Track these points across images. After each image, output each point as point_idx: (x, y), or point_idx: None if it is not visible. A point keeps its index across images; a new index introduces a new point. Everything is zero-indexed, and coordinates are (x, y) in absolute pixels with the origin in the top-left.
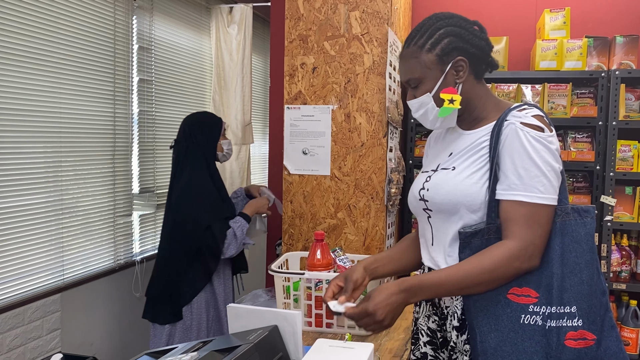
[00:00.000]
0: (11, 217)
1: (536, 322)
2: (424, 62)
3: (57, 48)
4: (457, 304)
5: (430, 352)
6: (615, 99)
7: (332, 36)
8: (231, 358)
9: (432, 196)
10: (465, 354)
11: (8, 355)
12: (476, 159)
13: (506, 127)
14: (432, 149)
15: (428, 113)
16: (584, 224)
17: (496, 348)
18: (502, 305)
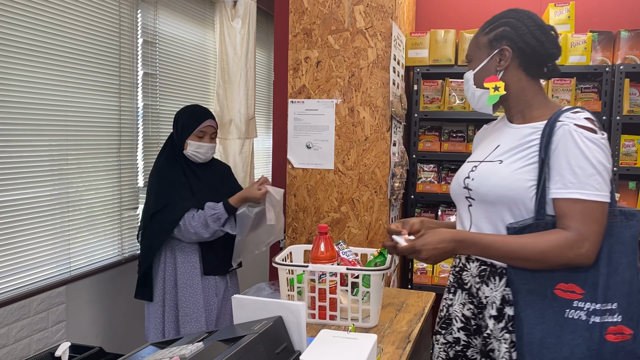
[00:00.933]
0: (17, 210)
1: (580, 317)
2: (479, 43)
3: (62, 42)
4: (496, 294)
5: (464, 338)
6: (620, 94)
7: (336, 30)
8: (236, 348)
9: (477, 186)
10: (501, 342)
11: (14, 346)
12: (524, 155)
13: (559, 127)
14: (481, 141)
15: (468, 89)
16: (630, 226)
17: (541, 340)
18: (549, 300)
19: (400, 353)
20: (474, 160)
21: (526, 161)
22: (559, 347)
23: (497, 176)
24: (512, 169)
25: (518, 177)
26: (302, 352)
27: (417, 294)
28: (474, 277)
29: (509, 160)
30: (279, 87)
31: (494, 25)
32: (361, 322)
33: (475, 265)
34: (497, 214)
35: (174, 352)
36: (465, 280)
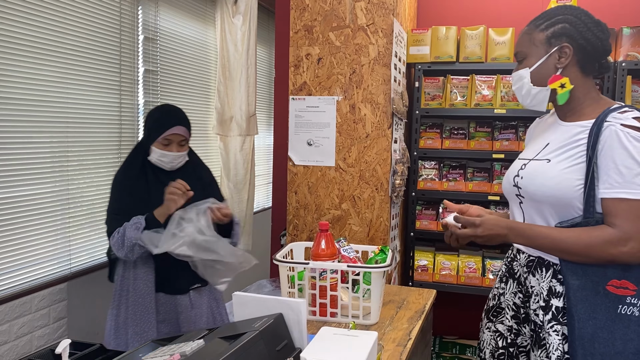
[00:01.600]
0: (18, 207)
1: (633, 313)
2: (534, 39)
3: (63, 39)
4: (543, 286)
5: (515, 326)
6: (622, 91)
7: (338, 27)
8: (237, 345)
9: (526, 185)
10: (551, 334)
11: (15, 342)
12: (572, 154)
13: (606, 128)
14: (532, 137)
15: (522, 87)
16: None
17: (593, 334)
18: (601, 296)
19: (401, 350)
20: (525, 157)
21: (574, 160)
22: (612, 341)
23: (545, 175)
24: (559, 168)
25: (565, 176)
26: (302, 349)
27: (418, 292)
28: (522, 266)
29: (556, 159)
30: (280, 84)
31: (551, 22)
32: (362, 320)
33: (524, 256)
34: (546, 211)
35: (175, 349)
36: (515, 269)
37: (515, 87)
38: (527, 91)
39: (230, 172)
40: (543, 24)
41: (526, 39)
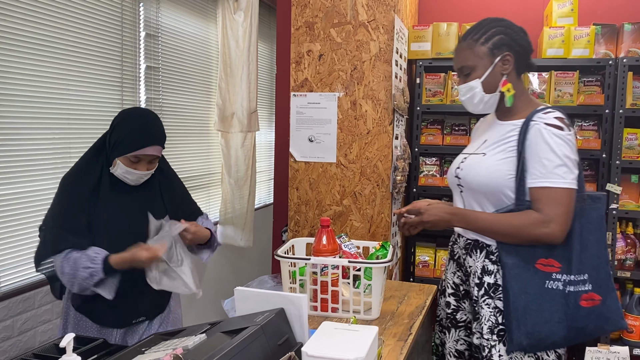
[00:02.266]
0: (21, 203)
1: (557, 287)
2: (477, 53)
3: (64, 35)
4: (477, 265)
5: (453, 302)
6: (623, 87)
7: (339, 23)
8: (238, 339)
9: (464, 175)
10: (483, 307)
11: (19, 338)
12: (504, 149)
13: (532, 126)
14: (475, 134)
15: (474, 97)
16: (596, 209)
17: (525, 307)
18: (531, 273)
19: (402, 345)
20: (466, 152)
21: (505, 154)
22: (541, 312)
23: (480, 167)
24: (493, 161)
25: (497, 167)
26: (303, 343)
27: (419, 287)
28: (461, 249)
29: (491, 153)
30: (281, 81)
31: (489, 35)
32: (363, 315)
33: (463, 240)
34: (483, 199)
35: (177, 343)
36: (455, 252)
37: (465, 98)
38: (479, 99)
39: (232, 168)
40: (481, 38)
41: (469, 53)
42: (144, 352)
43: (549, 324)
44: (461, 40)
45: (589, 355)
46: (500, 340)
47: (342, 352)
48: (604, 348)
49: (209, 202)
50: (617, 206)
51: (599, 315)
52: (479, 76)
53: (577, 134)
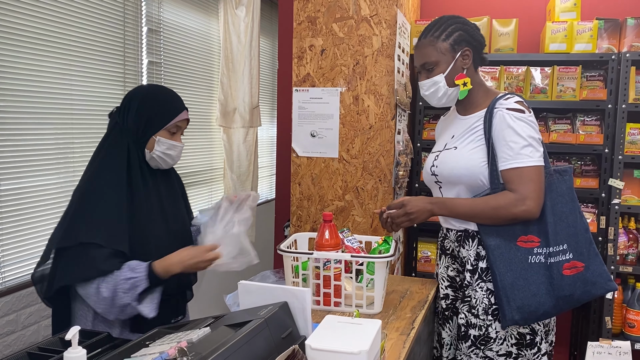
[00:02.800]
0: (24, 198)
1: (540, 261)
2: (439, 49)
3: (67, 30)
4: (470, 253)
5: (452, 293)
6: (625, 82)
7: (341, 18)
8: (242, 333)
9: (440, 171)
10: (477, 290)
11: (23, 332)
12: (473, 139)
13: (496, 113)
14: (440, 132)
15: (438, 91)
16: (565, 181)
17: (512, 284)
18: (513, 251)
19: (405, 339)
20: (436, 150)
21: (475, 144)
22: (527, 287)
23: (454, 160)
24: (464, 153)
25: (470, 157)
26: (307, 337)
27: (421, 282)
28: (453, 242)
29: (461, 145)
30: (283, 76)
31: (449, 31)
32: (365, 309)
33: (453, 233)
34: (461, 190)
35: (182, 337)
36: (447, 246)
37: (429, 92)
38: (443, 93)
39: (234, 164)
40: (442, 35)
41: (431, 50)
42: (148, 346)
43: (537, 297)
44: (421, 38)
45: (591, 350)
46: (495, 319)
47: (345, 345)
48: (605, 343)
49: (211, 198)
50: (620, 201)
51: (584, 281)
52: (442, 71)
53: (579, 129)
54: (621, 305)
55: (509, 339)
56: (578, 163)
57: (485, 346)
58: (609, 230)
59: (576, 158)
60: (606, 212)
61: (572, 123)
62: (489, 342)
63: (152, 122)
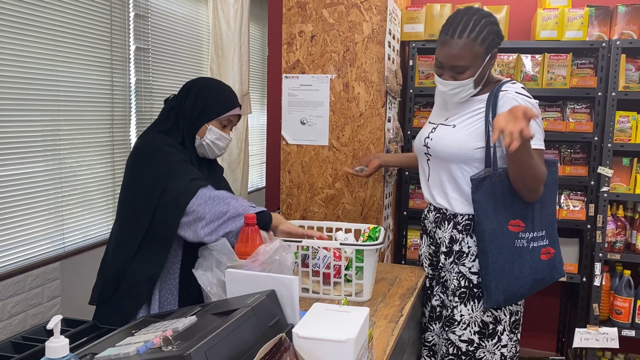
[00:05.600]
0: (11, 186)
1: (524, 245)
2: (476, 54)
3: (52, 16)
4: (445, 235)
5: (430, 271)
6: (616, 70)
7: (331, 3)
8: (229, 321)
9: (434, 145)
10: (452, 272)
11: (9, 321)
12: (473, 121)
13: (503, 95)
14: (441, 104)
15: (463, 92)
16: (551, 172)
17: (502, 267)
18: (505, 235)
19: (393, 327)
20: (434, 122)
21: (474, 125)
22: (512, 269)
23: (449, 138)
24: (462, 133)
25: (467, 138)
26: (295, 325)
27: (410, 269)
28: (431, 223)
29: (460, 125)
30: (273, 62)
31: (484, 35)
32: (354, 297)
33: (432, 214)
34: (449, 168)
35: (167, 325)
36: (427, 226)
37: (453, 92)
38: (467, 94)
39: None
40: (479, 38)
41: (467, 54)
42: (134, 334)
43: (519, 280)
44: (454, 37)
45: (579, 337)
46: (461, 302)
47: (333, 333)
48: (593, 329)
49: None
50: (609, 189)
51: (552, 266)
52: (472, 75)
53: (569, 117)
54: (609, 292)
55: (472, 325)
56: (568, 151)
57: (449, 328)
58: (597, 218)
59: (566, 146)
60: (595, 199)
61: (562, 111)
62: (452, 324)
63: (208, 110)
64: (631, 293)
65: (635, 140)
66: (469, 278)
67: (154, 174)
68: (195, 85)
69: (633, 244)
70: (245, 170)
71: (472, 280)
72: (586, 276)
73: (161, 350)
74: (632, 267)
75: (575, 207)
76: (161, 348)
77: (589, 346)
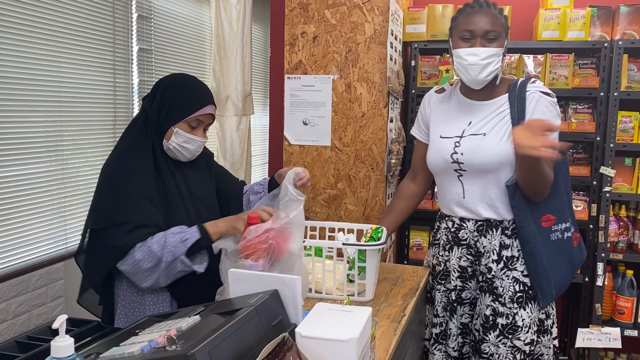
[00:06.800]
0: (14, 187)
1: (558, 237)
2: (503, 25)
3: (56, 17)
4: (494, 243)
5: (460, 284)
6: (618, 70)
7: (333, 4)
8: (232, 320)
9: (470, 159)
10: (504, 279)
11: (14, 321)
12: (502, 124)
13: (529, 96)
14: (437, 115)
15: (491, 65)
16: (565, 162)
17: (548, 264)
18: (541, 233)
19: (395, 326)
20: (452, 135)
21: (505, 129)
22: (555, 263)
23: (487, 148)
24: (498, 139)
25: (504, 144)
26: (297, 324)
27: (413, 269)
28: (472, 232)
29: (491, 132)
30: (275, 63)
31: (503, 14)
32: (357, 297)
33: (472, 223)
34: (492, 179)
35: (171, 325)
36: (463, 237)
37: (484, 62)
38: (493, 69)
39: (227, 152)
40: (502, 14)
41: (499, 22)
42: (138, 334)
43: (562, 272)
44: (483, 7)
45: (581, 337)
46: (520, 306)
47: (335, 332)
48: (595, 329)
49: None
50: (611, 189)
51: (580, 249)
52: (501, 46)
53: (572, 117)
54: (611, 292)
55: (533, 326)
56: (570, 151)
57: (513, 335)
58: (600, 218)
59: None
60: (597, 199)
61: (564, 111)
62: (516, 331)
63: (171, 113)
64: (634, 293)
65: (637, 140)
66: (523, 282)
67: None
68: (162, 84)
69: (635, 243)
70: (247, 171)
71: (525, 283)
72: (589, 276)
73: (165, 350)
74: (634, 267)
75: (577, 207)
76: (165, 347)
77: (592, 346)
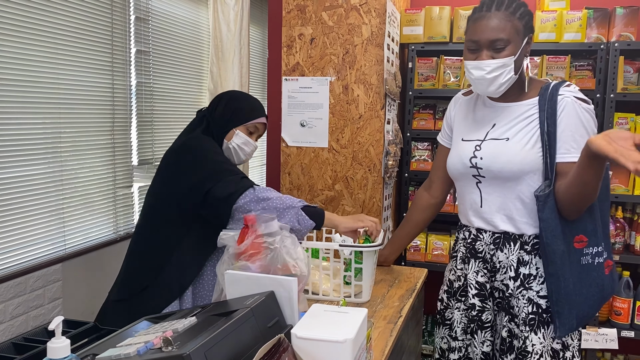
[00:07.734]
0: (12, 188)
1: (589, 261)
2: (516, 28)
3: (54, 18)
4: (512, 258)
5: (478, 303)
6: (614, 71)
7: (330, 6)
8: (228, 322)
9: (490, 165)
10: (519, 298)
11: (11, 323)
12: (527, 130)
13: (561, 100)
14: (461, 118)
15: (503, 75)
16: (606, 178)
17: (573, 289)
18: (572, 254)
19: (392, 328)
20: (473, 139)
21: (531, 135)
22: (580, 289)
23: (509, 153)
24: (521, 145)
25: (529, 151)
26: (293, 326)
27: (410, 270)
28: (488, 245)
29: (516, 137)
30: (272, 65)
31: (522, 12)
32: (353, 298)
33: (488, 235)
34: (513, 187)
35: (167, 326)
36: (479, 249)
37: (491, 75)
38: (507, 80)
39: None
40: (517, 12)
41: (508, 26)
42: (134, 335)
43: (588, 300)
44: (492, 9)
45: None
46: (531, 330)
47: (331, 333)
48: (592, 330)
49: None
50: None
51: (612, 278)
52: (513, 53)
53: None
54: None
55: (546, 355)
56: None
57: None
58: None
59: None
60: None
61: None
62: (525, 357)
63: (236, 116)
64: (630, 294)
65: None
66: (537, 303)
67: (204, 172)
68: (226, 95)
69: (632, 245)
70: (245, 172)
71: (540, 305)
72: None
73: (161, 351)
74: (631, 268)
75: None
76: (161, 348)
77: (589, 347)
